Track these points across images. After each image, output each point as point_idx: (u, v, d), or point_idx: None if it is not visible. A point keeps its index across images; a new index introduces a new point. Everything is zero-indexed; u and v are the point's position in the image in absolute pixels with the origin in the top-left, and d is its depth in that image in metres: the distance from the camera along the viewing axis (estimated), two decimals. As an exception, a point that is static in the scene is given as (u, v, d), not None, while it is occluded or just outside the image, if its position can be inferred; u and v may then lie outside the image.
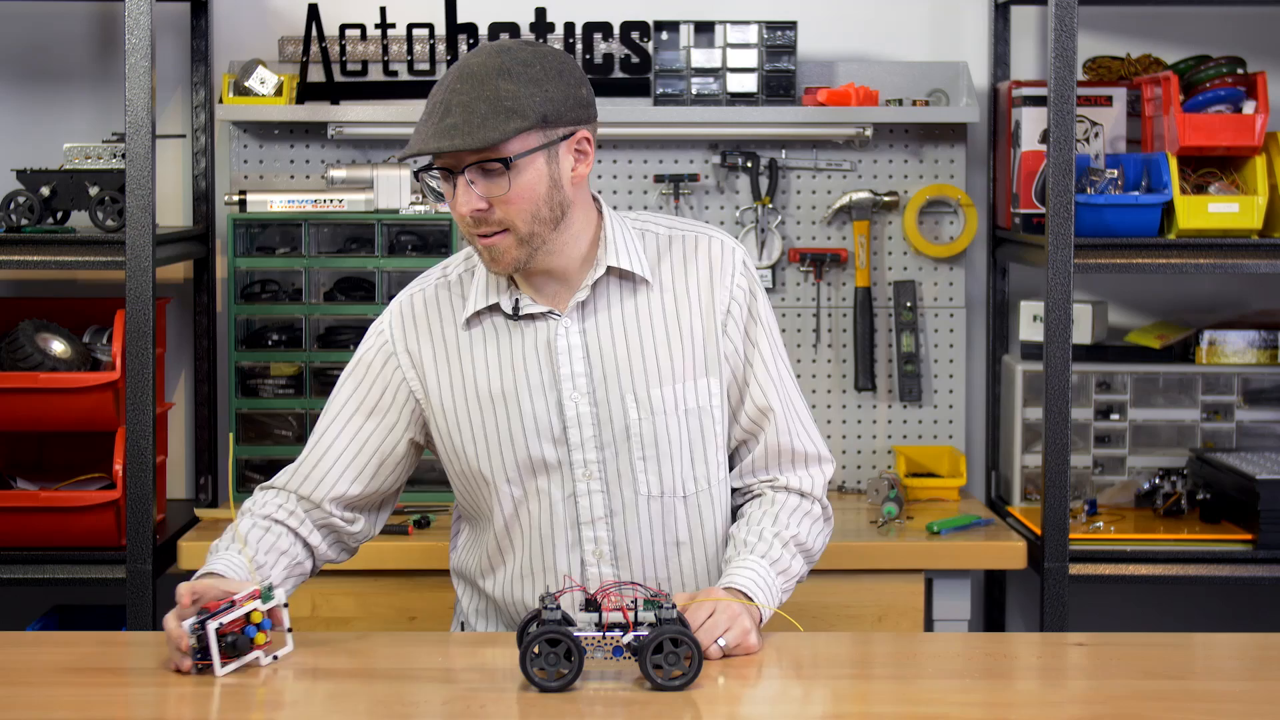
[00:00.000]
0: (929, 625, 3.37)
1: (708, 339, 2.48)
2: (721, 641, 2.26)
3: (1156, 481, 3.59)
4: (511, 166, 2.33)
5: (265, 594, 2.23)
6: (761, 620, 2.37)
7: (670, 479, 2.48)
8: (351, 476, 2.50)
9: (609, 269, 2.46)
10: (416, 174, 2.36)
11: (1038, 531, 3.33)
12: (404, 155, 2.36)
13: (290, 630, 2.26)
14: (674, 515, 2.49)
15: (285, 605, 2.25)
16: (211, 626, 2.17)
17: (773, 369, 2.51)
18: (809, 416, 2.56)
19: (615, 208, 3.77)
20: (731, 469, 2.56)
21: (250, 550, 2.41)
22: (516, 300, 2.46)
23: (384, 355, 2.51)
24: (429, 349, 2.49)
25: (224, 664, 2.19)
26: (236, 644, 2.19)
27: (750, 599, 2.36)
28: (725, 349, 2.49)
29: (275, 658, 2.24)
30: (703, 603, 2.29)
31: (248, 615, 2.20)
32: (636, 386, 2.46)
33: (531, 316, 2.46)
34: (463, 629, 2.63)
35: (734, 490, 2.56)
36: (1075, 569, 3.30)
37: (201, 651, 2.18)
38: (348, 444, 2.51)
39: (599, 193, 3.78)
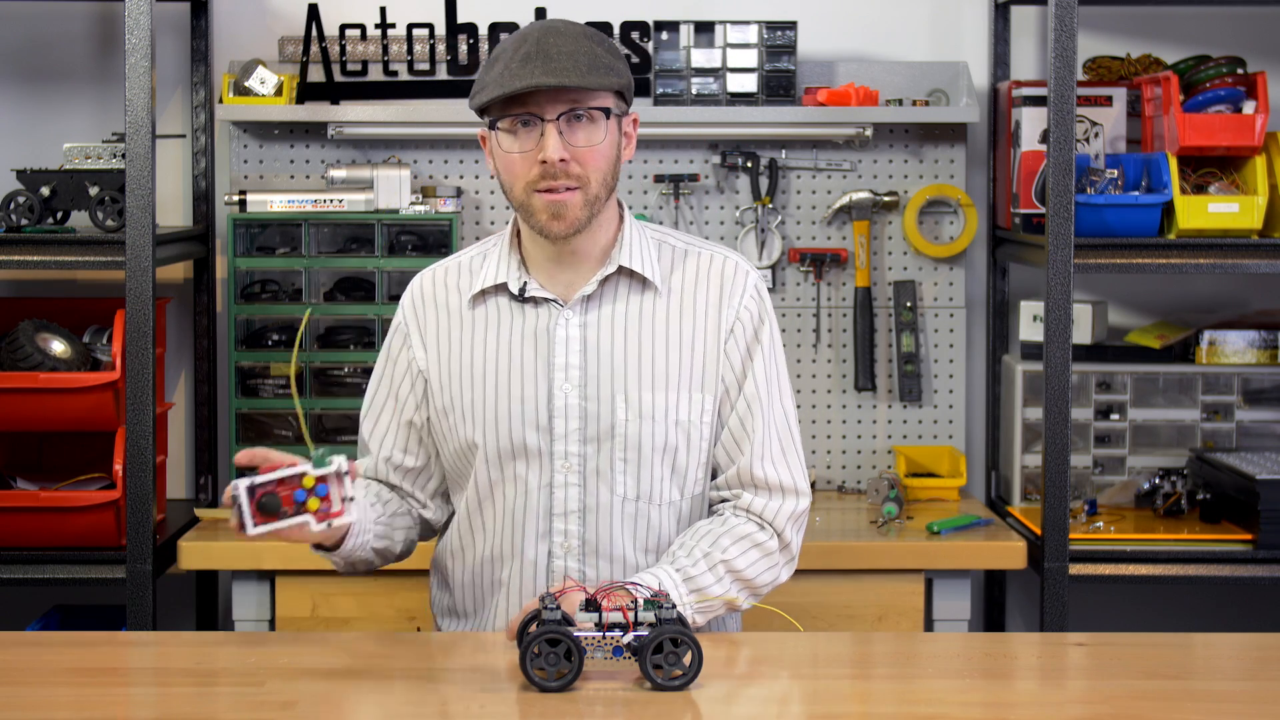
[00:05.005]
0: (929, 625, 3.37)
1: (708, 356, 2.49)
2: None
3: (1156, 481, 3.59)
4: (610, 117, 2.40)
5: (319, 460, 2.21)
6: None
7: (648, 485, 2.48)
8: (399, 454, 2.56)
9: (620, 269, 2.48)
10: (494, 121, 2.41)
11: (1038, 531, 3.33)
12: (502, 95, 2.36)
13: (352, 500, 2.24)
14: (648, 521, 2.49)
15: (346, 474, 2.22)
16: (243, 484, 2.19)
17: (764, 395, 2.50)
18: (795, 449, 2.53)
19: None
20: None
21: (367, 486, 2.48)
22: (525, 283, 2.49)
23: (399, 338, 2.58)
24: (433, 326, 2.54)
25: (258, 524, 2.19)
26: (266, 505, 2.19)
27: None
28: (723, 368, 2.49)
29: (330, 525, 2.23)
30: (576, 593, 2.25)
31: (300, 480, 2.21)
32: (629, 387, 2.46)
33: (535, 301, 2.49)
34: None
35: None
36: (1075, 569, 3.30)
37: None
38: (385, 429, 2.57)
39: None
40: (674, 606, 2.16)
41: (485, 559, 2.52)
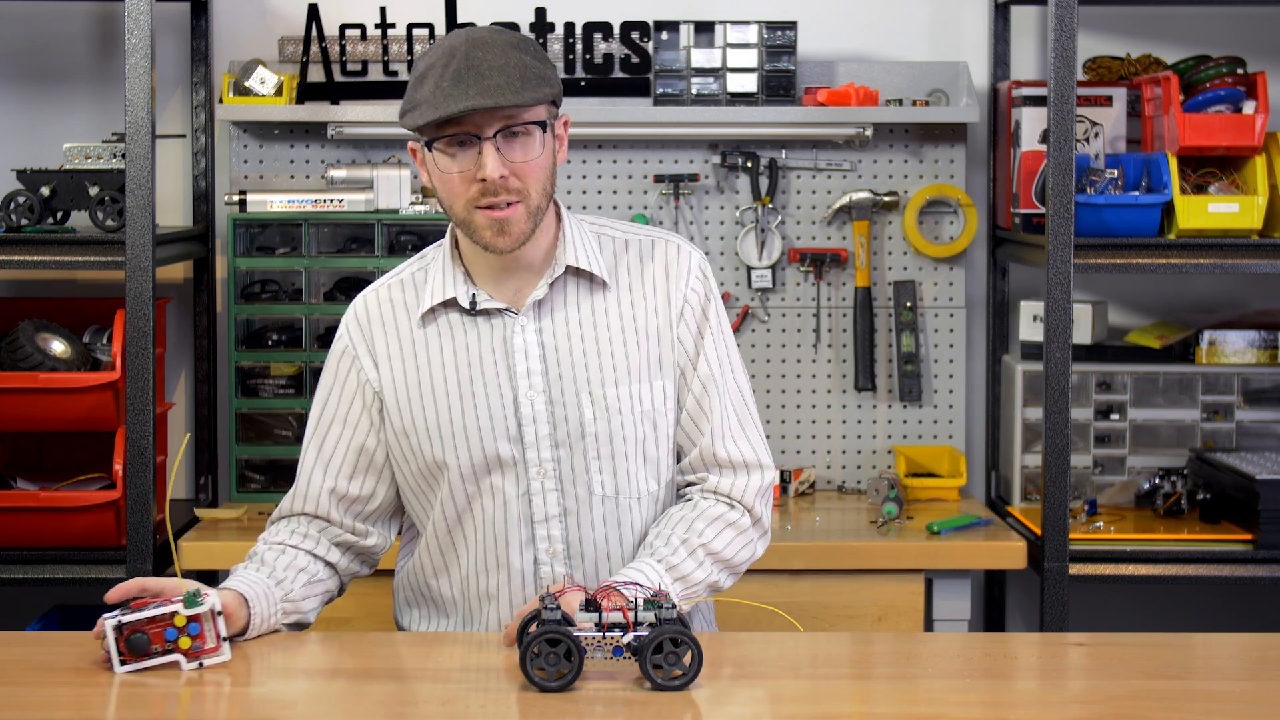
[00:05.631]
0: (929, 625, 3.37)
1: (662, 342, 2.49)
2: None
3: (1156, 481, 3.59)
4: (546, 130, 2.37)
5: (190, 599, 2.20)
6: None
7: (625, 479, 2.48)
8: (345, 482, 2.52)
9: (567, 268, 2.47)
10: (429, 142, 2.37)
11: (1038, 531, 3.33)
12: (437, 118, 2.32)
13: (226, 640, 2.22)
14: (629, 516, 2.49)
15: (219, 614, 2.21)
16: (109, 623, 2.17)
17: (717, 374, 2.51)
18: (753, 424, 2.54)
19: (576, 208, 3.78)
20: None
21: (268, 568, 2.43)
22: (474, 295, 2.47)
23: (347, 360, 2.53)
24: (384, 346, 2.51)
25: (124, 662, 2.18)
26: (134, 643, 2.17)
27: None
28: (677, 352, 2.50)
29: (201, 664, 2.20)
30: (575, 593, 2.26)
31: (171, 618, 2.19)
32: (593, 386, 2.46)
33: (488, 313, 2.47)
34: None
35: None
36: (1075, 569, 3.30)
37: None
38: (331, 452, 2.52)
39: (599, 192, 3.79)
40: (674, 606, 2.16)
41: (470, 572, 2.51)
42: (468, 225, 2.40)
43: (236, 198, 3.59)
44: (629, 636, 2.13)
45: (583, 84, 3.69)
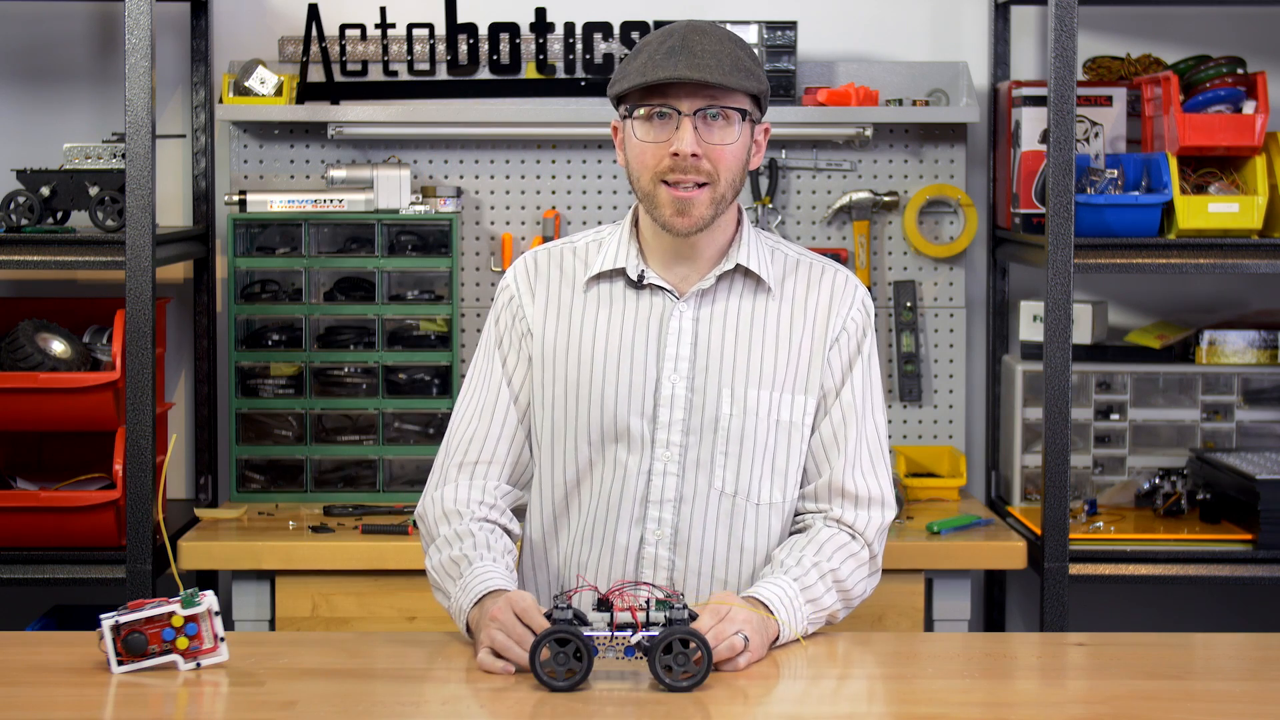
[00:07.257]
0: (929, 625, 3.37)
1: (814, 359, 2.50)
2: (740, 638, 2.22)
3: (1156, 481, 3.59)
4: (744, 120, 2.42)
5: (188, 600, 2.20)
6: (778, 638, 2.34)
7: (746, 481, 2.48)
8: (511, 427, 2.53)
9: (737, 266, 2.50)
10: (631, 109, 2.42)
11: (1038, 531, 3.33)
12: (642, 83, 2.37)
13: (223, 640, 2.22)
14: (743, 518, 2.49)
15: (217, 613, 2.21)
16: (108, 622, 2.18)
17: (859, 407, 2.51)
18: (884, 463, 2.54)
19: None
20: None
21: (503, 561, 2.41)
22: (642, 270, 2.50)
23: (513, 308, 2.55)
24: (543, 294, 2.54)
25: (121, 662, 2.18)
26: (131, 643, 2.18)
27: (770, 612, 2.34)
28: (824, 375, 2.51)
29: (199, 664, 2.20)
30: (718, 605, 2.27)
31: (169, 618, 2.19)
32: (735, 383, 2.48)
33: (651, 290, 2.51)
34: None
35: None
36: (1075, 569, 3.30)
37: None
38: (495, 398, 2.53)
39: (599, 193, 3.79)
40: (685, 606, 2.16)
41: (576, 540, 2.52)
42: (651, 200, 2.44)
43: (236, 198, 3.59)
44: (639, 636, 2.14)
45: (583, 84, 3.69)
